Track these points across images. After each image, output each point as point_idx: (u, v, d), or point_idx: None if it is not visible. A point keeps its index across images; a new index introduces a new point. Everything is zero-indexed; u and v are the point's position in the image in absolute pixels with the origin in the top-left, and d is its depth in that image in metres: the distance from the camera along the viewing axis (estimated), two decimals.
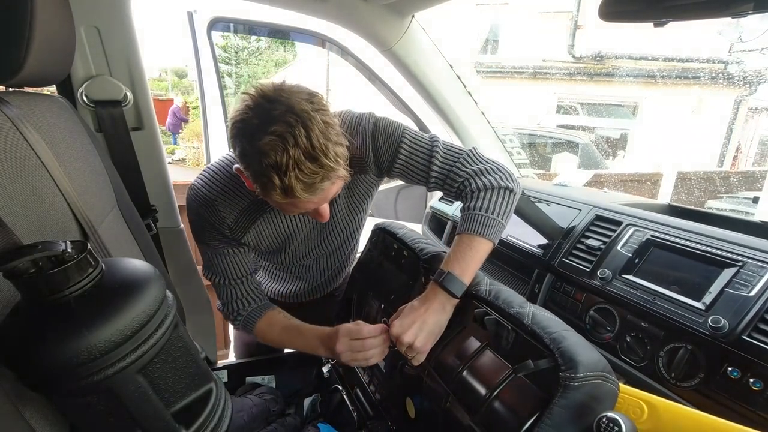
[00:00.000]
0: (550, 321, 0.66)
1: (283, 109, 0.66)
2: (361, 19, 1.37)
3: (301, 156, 0.66)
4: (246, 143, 0.68)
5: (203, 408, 0.53)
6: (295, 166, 0.66)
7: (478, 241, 0.81)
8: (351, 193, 0.99)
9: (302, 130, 0.65)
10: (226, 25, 1.92)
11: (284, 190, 0.68)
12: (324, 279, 1.18)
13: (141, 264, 0.51)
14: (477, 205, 0.82)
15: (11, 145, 0.58)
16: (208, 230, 0.91)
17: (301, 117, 0.66)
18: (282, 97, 0.67)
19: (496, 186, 0.84)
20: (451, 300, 0.79)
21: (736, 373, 0.70)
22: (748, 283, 0.75)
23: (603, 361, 0.60)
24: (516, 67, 8.87)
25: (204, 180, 0.89)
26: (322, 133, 0.67)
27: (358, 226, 1.08)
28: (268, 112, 0.66)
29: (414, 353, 0.78)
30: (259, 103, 0.68)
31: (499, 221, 0.82)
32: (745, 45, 6.31)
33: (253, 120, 0.67)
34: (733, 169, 7.38)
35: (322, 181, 0.70)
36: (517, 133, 6.07)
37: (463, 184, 0.86)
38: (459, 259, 0.80)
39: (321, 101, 0.70)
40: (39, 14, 0.62)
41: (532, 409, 0.60)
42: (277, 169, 0.66)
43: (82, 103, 1.09)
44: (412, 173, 0.90)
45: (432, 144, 0.89)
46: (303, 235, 1.00)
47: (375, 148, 0.89)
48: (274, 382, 1.18)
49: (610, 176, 6.00)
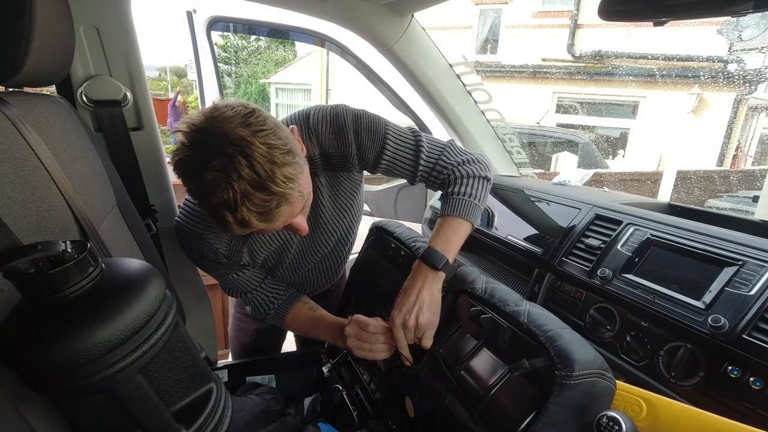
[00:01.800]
0: (545, 319, 0.66)
1: (218, 140, 0.61)
2: (361, 18, 1.37)
3: (248, 188, 0.62)
4: (190, 183, 0.65)
5: (203, 408, 0.53)
6: (244, 200, 0.62)
7: (461, 222, 0.87)
8: (336, 192, 0.98)
9: (242, 160, 0.61)
10: (225, 25, 1.92)
11: (241, 224, 0.65)
12: (324, 280, 1.19)
13: (141, 264, 0.51)
14: (460, 191, 0.88)
15: (11, 146, 0.58)
16: (207, 262, 0.94)
17: (239, 146, 0.61)
18: (215, 127, 0.62)
19: (478, 175, 0.90)
20: (438, 274, 0.82)
21: (737, 372, 0.70)
22: (748, 282, 0.75)
23: (599, 358, 0.60)
24: (515, 66, 8.88)
25: (186, 216, 0.88)
26: (265, 158, 0.62)
27: (351, 224, 1.06)
28: (204, 146, 0.62)
29: (422, 332, 0.80)
30: (193, 138, 0.63)
31: (478, 205, 0.89)
32: (745, 44, 6.31)
33: (192, 158, 0.63)
34: (733, 168, 7.38)
35: (278, 207, 0.66)
36: (517, 132, 6.07)
37: (448, 176, 0.90)
38: (441, 237, 0.85)
39: (260, 119, 0.65)
40: (38, 14, 0.62)
41: (529, 407, 0.60)
42: (226, 206, 0.63)
43: (81, 103, 1.09)
44: (398, 168, 0.91)
45: (416, 138, 0.90)
46: (297, 244, 1.00)
47: (359, 144, 0.87)
48: (274, 382, 1.18)
49: (610, 175, 6.01)
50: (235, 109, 0.65)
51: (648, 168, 7.24)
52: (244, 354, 1.32)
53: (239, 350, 1.33)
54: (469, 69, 1.59)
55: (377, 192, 2.04)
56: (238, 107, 0.66)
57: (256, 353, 1.30)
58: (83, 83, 1.08)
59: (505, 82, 9.03)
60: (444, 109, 1.61)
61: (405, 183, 1.98)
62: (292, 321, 1.02)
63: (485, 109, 1.67)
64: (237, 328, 1.31)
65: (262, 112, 0.67)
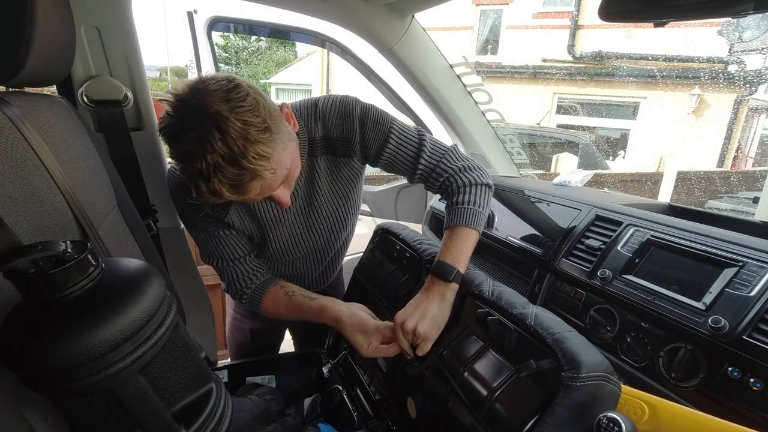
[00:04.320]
0: (552, 322, 0.66)
1: (198, 113, 0.65)
2: (361, 19, 1.37)
3: (221, 161, 0.65)
4: (171, 149, 0.69)
5: (203, 408, 0.53)
6: (216, 172, 0.65)
7: (467, 231, 0.87)
8: (334, 176, 0.98)
9: (217, 134, 0.64)
10: (226, 25, 1.92)
11: (213, 193, 0.68)
12: (315, 276, 1.18)
13: (141, 264, 0.51)
14: (464, 200, 0.89)
15: (11, 145, 0.58)
16: (193, 212, 0.92)
17: (215, 120, 0.64)
18: (196, 99, 0.65)
19: (479, 182, 0.91)
20: (450, 286, 0.82)
21: (737, 373, 0.70)
22: (748, 283, 0.75)
23: (605, 362, 0.60)
24: (516, 67, 8.88)
25: None
26: (239, 135, 0.65)
27: (346, 215, 1.05)
28: (184, 116, 0.66)
29: (419, 340, 0.80)
30: (176, 108, 0.67)
31: (483, 213, 0.89)
32: (746, 45, 6.31)
33: (174, 126, 0.67)
34: (733, 169, 7.38)
35: (250, 181, 0.69)
36: (517, 132, 6.08)
37: (448, 180, 0.92)
38: (451, 249, 0.85)
39: (240, 95, 0.67)
40: (39, 14, 0.62)
41: (534, 409, 0.60)
42: (200, 175, 0.66)
43: (82, 104, 1.09)
44: (399, 164, 0.93)
45: (420, 137, 0.93)
46: (289, 222, 0.99)
47: (363, 133, 0.90)
48: (274, 382, 1.18)
49: (610, 176, 6.01)
50: (219, 83, 0.67)
51: (648, 169, 7.24)
52: (242, 354, 1.32)
53: (236, 350, 1.33)
54: (470, 70, 1.60)
55: (377, 192, 2.04)
56: (223, 81, 0.68)
57: (254, 353, 1.30)
58: (84, 83, 1.08)
59: (506, 83, 9.03)
60: (444, 109, 1.61)
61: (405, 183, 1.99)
62: (270, 306, 0.98)
63: (485, 110, 1.67)
64: (234, 327, 1.31)
65: (245, 88, 0.69)
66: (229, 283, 0.99)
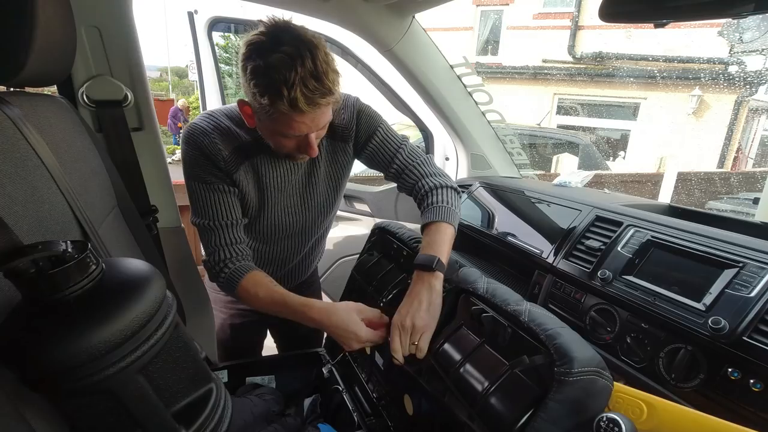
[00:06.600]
0: (546, 318, 0.67)
1: (293, 35, 0.78)
2: (362, 19, 1.37)
3: (307, 74, 0.76)
4: (259, 60, 0.78)
5: (203, 408, 0.53)
6: (301, 82, 0.76)
7: (444, 225, 0.94)
8: (332, 159, 1.07)
9: (308, 54, 0.76)
10: (226, 26, 1.93)
11: (290, 101, 0.77)
12: (294, 264, 1.20)
13: (141, 264, 0.51)
14: (437, 200, 0.98)
15: (12, 145, 0.58)
16: (203, 162, 0.93)
17: (307, 44, 0.77)
18: (291, 27, 0.80)
19: (447, 185, 1.02)
20: (435, 275, 0.86)
21: (737, 374, 0.70)
22: (748, 284, 0.75)
23: (597, 357, 0.60)
24: (516, 67, 8.89)
25: (204, 117, 0.96)
26: (323, 60, 0.78)
27: (334, 199, 1.13)
28: (279, 36, 0.78)
29: (418, 335, 0.81)
30: (271, 30, 0.79)
31: (456, 211, 0.98)
32: (746, 46, 6.31)
33: (266, 42, 0.78)
34: (734, 170, 7.38)
35: (322, 97, 0.79)
36: (518, 133, 6.08)
37: (418, 182, 1.03)
38: (430, 243, 0.91)
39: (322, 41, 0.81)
40: (40, 14, 0.62)
41: (528, 404, 0.60)
42: (285, 82, 0.76)
43: (82, 104, 1.09)
44: (378, 159, 1.05)
45: (402, 141, 1.06)
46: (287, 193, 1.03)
47: (358, 123, 1.03)
48: (274, 383, 1.18)
49: (610, 177, 6.00)
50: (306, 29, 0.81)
51: (648, 169, 7.24)
52: (227, 356, 1.31)
53: (221, 351, 1.34)
54: (470, 70, 1.60)
55: (377, 192, 2.04)
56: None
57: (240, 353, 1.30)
58: (84, 83, 1.08)
59: (506, 84, 9.03)
60: (445, 110, 1.61)
61: None
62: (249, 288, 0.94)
63: (486, 110, 1.67)
64: (218, 327, 1.32)
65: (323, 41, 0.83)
66: (213, 249, 0.95)
